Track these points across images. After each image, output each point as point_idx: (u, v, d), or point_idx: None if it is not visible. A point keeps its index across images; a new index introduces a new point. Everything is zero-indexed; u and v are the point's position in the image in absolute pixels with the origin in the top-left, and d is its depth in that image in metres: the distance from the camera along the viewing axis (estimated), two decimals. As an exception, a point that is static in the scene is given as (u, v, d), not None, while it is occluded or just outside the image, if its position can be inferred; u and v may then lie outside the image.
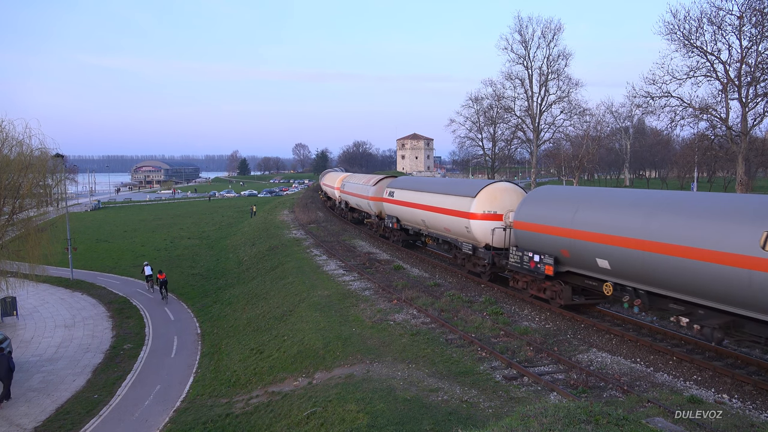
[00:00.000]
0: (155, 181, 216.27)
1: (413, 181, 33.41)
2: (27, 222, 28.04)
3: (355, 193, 43.85)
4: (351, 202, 46.75)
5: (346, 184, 48.89)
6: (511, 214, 22.06)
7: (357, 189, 43.01)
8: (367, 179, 41.71)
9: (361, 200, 41.79)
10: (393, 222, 33.67)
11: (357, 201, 43.44)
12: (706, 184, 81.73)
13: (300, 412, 14.11)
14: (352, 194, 45.17)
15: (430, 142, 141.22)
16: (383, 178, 38.96)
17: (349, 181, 47.75)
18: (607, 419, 8.66)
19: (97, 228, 64.98)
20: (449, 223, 25.56)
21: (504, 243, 22.60)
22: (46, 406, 19.47)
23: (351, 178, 49.13)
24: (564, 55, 57.04)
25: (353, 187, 44.86)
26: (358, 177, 46.88)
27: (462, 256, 26.19)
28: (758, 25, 33.15)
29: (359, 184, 42.64)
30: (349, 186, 47.35)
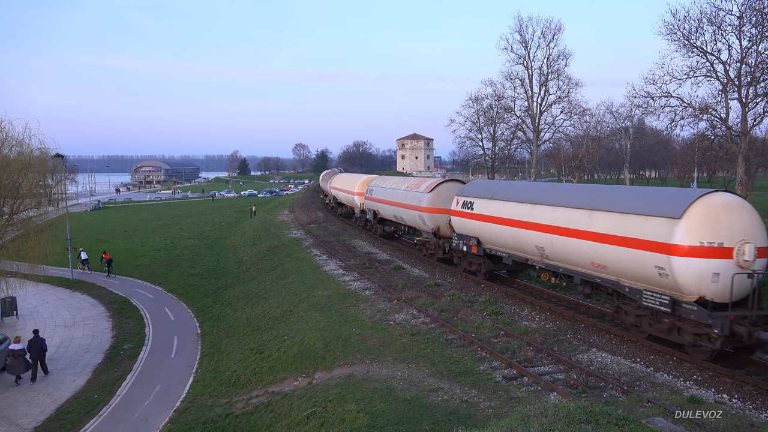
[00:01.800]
0: (155, 181, 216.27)
1: (509, 188, 22.85)
2: (27, 222, 28.06)
3: (393, 202, 33.55)
4: (384, 212, 36.77)
5: (375, 189, 38.18)
6: (747, 246, 13.68)
7: (397, 197, 32.92)
8: (414, 183, 31.71)
9: (405, 212, 31.57)
10: (470, 244, 24.24)
11: (397, 212, 33.36)
12: (706, 184, 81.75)
13: (300, 412, 14.11)
14: (388, 203, 34.93)
15: (430, 142, 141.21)
16: (441, 183, 29.02)
17: (381, 186, 37.31)
18: (607, 419, 8.66)
19: (97, 228, 64.97)
20: (615, 258, 15.93)
21: (736, 298, 13.88)
22: (46, 406, 19.47)
23: (383, 182, 38.19)
24: (564, 55, 56.99)
25: (390, 194, 34.74)
26: (396, 181, 36.06)
27: (645, 313, 16.08)
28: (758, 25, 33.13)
29: (401, 191, 32.65)
30: (381, 192, 36.76)
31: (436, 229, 28.48)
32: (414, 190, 30.33)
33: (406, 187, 32.02)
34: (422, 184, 29.99)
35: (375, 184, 38.81)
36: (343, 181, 51.99)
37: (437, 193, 28.19)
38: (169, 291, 36.57)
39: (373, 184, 39.18)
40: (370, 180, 41.89)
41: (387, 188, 35.45)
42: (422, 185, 29.85)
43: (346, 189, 47.95)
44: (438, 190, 28.28)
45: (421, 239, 30.97)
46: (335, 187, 54.38)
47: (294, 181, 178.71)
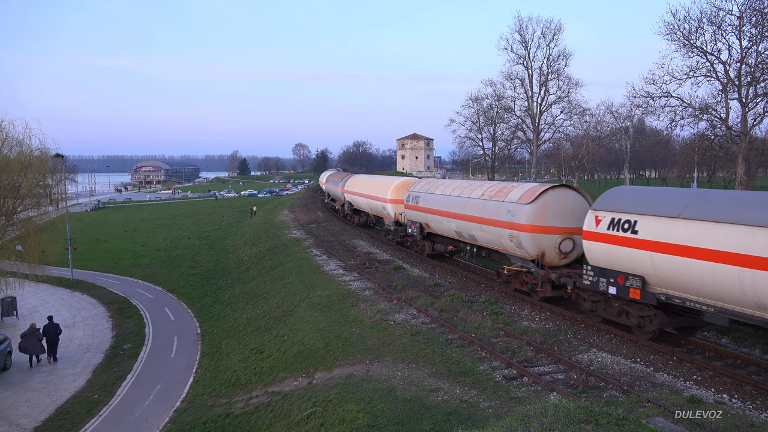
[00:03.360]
0: (155, 181, 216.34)
1: (712, 201, 14.55)
2: (27, 222, 28.06)
3: (458, 215, 24.95)
4: (439, 227, 27.77)
5: (423, 196, 29.10)
6: None
7: (466, 207, 24.28)
8: (495, 190, 23.03)
9: (482, 229, 22.99)
10: (625, 285, 16.00)
11: (464, 228, 24.66)
12: (706, 183, 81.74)
13: (300, 412, 14.11)
14: (447, 215, 26.15)
15: (430, 142, 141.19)
16: (546, 190, 20.23)
17: (432, 192, 28.27)
18: (607, 419, 8.66)
19: (97, 228, 64.98)
20: None
21: None
22: (46, 406, 19.48)
23: (433, 186, 29.15)
24: (564, 55, 57.07)
25: (450, 204, 25.83)
26: (455, 186, 26.87)
27: None
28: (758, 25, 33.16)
29: (472, 199, 23.86)
30: (433, 201, 27.68)
31: (539, 255, 20.01)
32: (499, 200, 21.86)
33: (480, 194, 23.52)
34: (512, 191, 21.69)
35: (421, 189, 29.96)
36: (364, 185, 41.96)
37: (542, 206, 19.91)
38: (169, 291, 36.58)
39: (418, 189, 30.30)
40: (411, 184, 32.77)
41: (444, 195, 26.74)
42: (513, 192, 21.52)
43: (372, 194, 38.52)
44: (543, 201, 19.96)
45: (514, 269, 21.92)
46: (352, 192, 45.05)
47: (293, 181, 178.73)
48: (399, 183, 34.98)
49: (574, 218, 19.71)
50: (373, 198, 38.23)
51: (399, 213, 33.87)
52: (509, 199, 21.31)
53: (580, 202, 20.13)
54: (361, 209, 44.61)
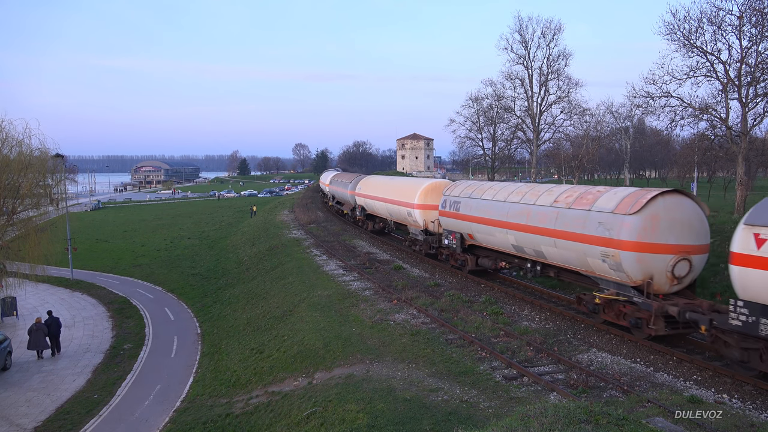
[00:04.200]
0: (155, 181, 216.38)
1: None
2: (27, 222, 28.06)
3: (520, 225, 20.23)
4: (489, 239, 22.89)
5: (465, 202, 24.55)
6: None
7: (531, 216, 19.62)
8: (574, 195, 18.45)
9: (559, 244, 18.35)
10: None
11: (530, 241, 19.89)
12: (706, 184, 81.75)
13: (300, 412, 14.11)
14: (503, 225, 21.27)
15: (430, 142, 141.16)
16: (655, 197, 16.00)
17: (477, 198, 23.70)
18: (607, 419, 8.65)
19: (97, 228, 64.98)
20: None
21: None
22: (46, 406, 19.48)
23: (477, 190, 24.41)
24: (564, 55, 57.01)
25: (505, 211, 21.24)
26: (508, 190, 22.24)
27: None
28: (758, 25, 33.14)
29: (543, 207, 19.23)
30: (479, 207, 23.21)
31: (645, 280, 15.75)
32: (583, 208, 17.28)
33: (552, 200, 18.89)
34: (601, 197, 17.10)
35: (462, 193, 25.13)
36: (382, 188, 36.93)
37: (652, 217, 15.65)
38: (169, 291, 36.58)
39: (458, 193, 25.50)
40: (446, 187, 27.69)
41: (495, 201, 22.09)
42: (603, 199, 16.94)
43: (393, 199, 33.50)
44: (652, 211, 15.67)
45: (607, 296, 16.96)
46: (366, 195, 40.19)
47: (293, 181, 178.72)
48: (429, 186, 29.80)
49: (691, 233, 15.77)
50: (395, 203, 33.00)
51: (430, 220, 28.97)
52: (600, 208, 16.70)
53: (696, 213, 16.07)
54: (377, 215, 39.56)
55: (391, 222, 36.49)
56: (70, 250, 39.56)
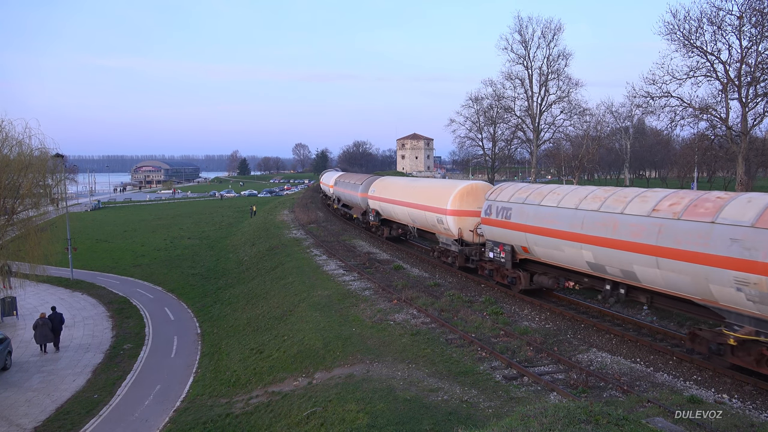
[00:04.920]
0: (155, 181, 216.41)
1: None
2: (27, 222, 28.05)
3: (602, 240, 16.55)
4: (554, 254, 19.11)
5: (519, 209, 20.71)
6: None
7: (624, 229, 15.74)
8: (687, 200, 14.57)
9: (662, 265, 14.64)
10: None
11: (624, 261, 15.91)
12: (706, 183, 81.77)
13: (300, 412, 14.11)
14: (580, 239, 17.46)
15: (430, 142, 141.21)
16: None
17: (540, 204, 19.65)
18: (607, 419, 8.66)
19: (97, 228, 64.98)
20: None
21: None
22: (46, 406, 19.47)
23: (534, 194, 20.59)
24: (564, 55, 57.15)
25: (587, 223, 17.17)
26: (593, 195, 17.89)
27: None
28: (758, 25, 33.17)
29: (642, 219, 15.24)
30: (539, 215, 19.45)
31: None
32: (702, 219, 13.62)
33: (649, 209, 15.13)
34: (728, 206, 13.36)
35: (513, 197, 21.21)
36: (404, 191, 33.09)
37: None
38: (169, 291, 36.56)
39: (508, 198, 21.54)
40: (489, 191, 23.75)
41: (562, 209, 18.27)
42: (731, 208, 13.24)
43: (419, 203, 29.61)
44: None
45: (746, 337, 13.10)
46: (382, 198, 36.62)
47: (293, 180, 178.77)
48: (464, 189, 25.83)
49: None
50: (421, 207, 29.10)
51: (468, 229, 25.25)
52: (730, 220, 12.93)
53: None
54: (394, 220, 35.90)
55: (414, 229, 32.55)
56: (70, 250, 39.54)
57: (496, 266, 23.04)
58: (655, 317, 18.73)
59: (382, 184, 38.29)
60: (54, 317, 25.48)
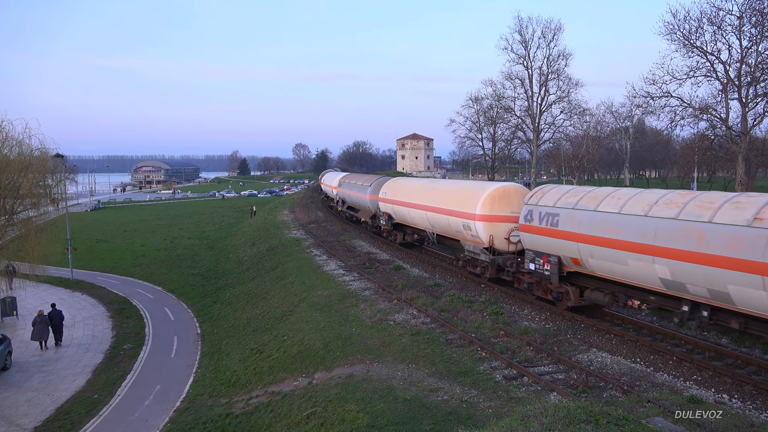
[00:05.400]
0: (155, 181, 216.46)
1: None
2: (27, 222, 28.04)
3: (686, 254, 13.94)
4: (616, 269, 16.51)
5: (568, 215, 18.24)
6: None
7: (713, 241, 13.26)
8: None
9: None
10: None
11: (716, 280, 13.28)
12: (706, 184, 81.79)
13: (300, 412, 14.12)
14: (656, 252, 14.75)
15: (430, 142, 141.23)
16: None
17: (596, 210, 17.06)
18: (607, 419, 8.66)
19: (97, 228, 64.98)
20: None
21: None
22: (46, 406, 19.48)
23: (604, 200, 17.16)
24: (564, 55, 57.09)
25: (661, 233, 14.66)
26: (666, 199, 15.28)
27: None
28: (758, 25, 33.17)
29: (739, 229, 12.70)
30: (595, 222, 16.93)
31: None
32: None
33: (749, 218, 12.81)
34: None
35: (561, 202, 18.73)
36: (422, 193, 29.98)
37: None
38: (169, 291, 36.57)
39: (552, 202, 19.12)
40: (531, 193, 20.93)
41: (625, 216, 15.89)
42: None
43: (441, 207, 26.63)
44: None
45: None
46: (396, 202, 33.52)
47: (293, 181, 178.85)
48: (495, 191, 23.13)
49: None
50: (443, 212, 26.36)
51: (501, 236, 22.82)
52: None
53: None
54: (409, 225, 33.06)
55: (432, 235, 29.63)
56: (70, 250, 39.55)
57: (537, 279, 20.41)
58: (655, 317, 18.74)
59: (394, 185, 35.40)
60: (54, 314, 25.77)
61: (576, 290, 18.99)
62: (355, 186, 44.71)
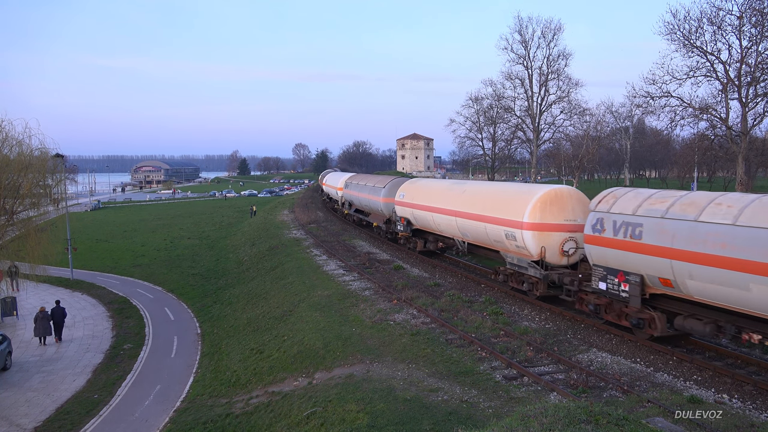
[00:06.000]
0: (155, 181, 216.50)
1: None
2: (27, 222, 28.05)
3: None
4: (731, 296, 13.12)
5: (655, 224, 15.04)
6: None
7: None
8: None
9: None
10: None
11: None
12: (706, 184, 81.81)
13: (300, 412, 14.12)
14: None
15: (430, 142, 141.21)
16: None
17: (698, 220, 13.78)
18: (607, 419, 8.66)
19: (97, 228, 64.99)
20: None
21: None
22: (46, 406, 19.47)
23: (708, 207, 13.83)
24: (564, 55, 57.15)
25: None
26: None
27: None
28: (758, 25, 33.18)
29: None
30: (697, 234, 13.70)
31: None
32: None
33: None
34: None
35: (639, 208, 15.98)
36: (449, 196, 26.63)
37: None
38: (169, 291, 36.57)
39: (631, 209, 16.14)
40: (601, 198, 17.81)
41: (742, 227, 12.79)
42: None
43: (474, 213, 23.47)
44: None
45: None
46: (417, 206, 29.90)
47: (293, 180, 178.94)
48: (546, 196, 19.86)
49: None
50: (480, 218, 23.00)
51: (556, 248, 19.59)
52: None
53: None
54: (433, 232, 29.32)
55: (463, 244, 26.03)
56: (70, 250, 39.54)
57: (607, 301, 17.38)
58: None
59: (414, 187, 31.96)
60: (56, 311, 26.28)
61: (663, 316, 15.74)
62: (365, 188, 41.34)
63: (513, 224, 20.43)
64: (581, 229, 18.43)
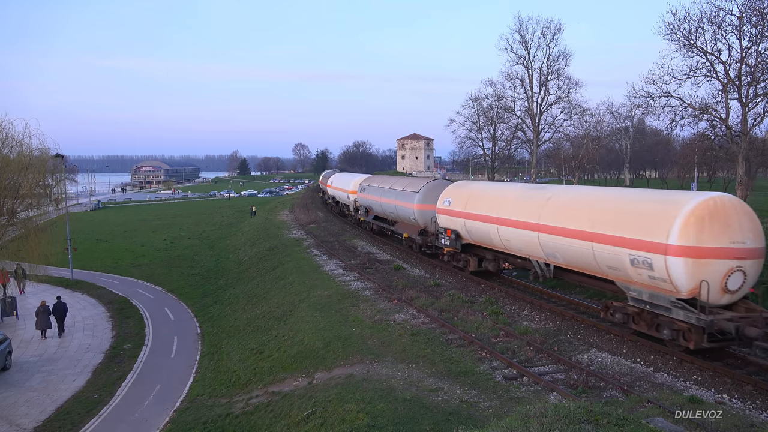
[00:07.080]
0: (155, 181, 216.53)
1: None
2: (27, 222, 28.06)
3: None
4: None
5: None
6: None
7: None
8: None
9: None
10: None
11: None
12: (706, 184, 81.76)
13: (300, 412, 14.12)
14: None
15: (430, 142, 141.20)
16: None
17: None
18: (607, 419, 8.65)
19: (97, 228, 64.99)
20: None
21: None
22: (46, 406, 19.47)
23: None
24: (564, 55, 57.02)
25: None
26: None
27: None
28: (758, 25, 33.13)
29: None
30: None
31: None
32: None
33: None
34: None
35: None
36: (526, 205, 20.40)
37: None
38: (169, 291, 36.58)
39: None
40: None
41: None
42: None
43: (568, 228, 17.73)
44: None
45: None
46: (473, 216, 23.75)
47: (293, 181, 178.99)
48: (704, 206, 14.11)
49: None
50: (583, 236, 17.00)
51: (722, 284, 13.98)
52: None
53: None
54: (496, 249, 23.18)
55: (547, 267, 19.68)
56: (70, 250, 39.53)
57: None
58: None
59: (465, 192, 25.51)
60: (58, 306, 26.98)
61: None
62: (390, 192, 34.84)
63: (646, 246, 14.73)
64: (752, 255, 14.00)
